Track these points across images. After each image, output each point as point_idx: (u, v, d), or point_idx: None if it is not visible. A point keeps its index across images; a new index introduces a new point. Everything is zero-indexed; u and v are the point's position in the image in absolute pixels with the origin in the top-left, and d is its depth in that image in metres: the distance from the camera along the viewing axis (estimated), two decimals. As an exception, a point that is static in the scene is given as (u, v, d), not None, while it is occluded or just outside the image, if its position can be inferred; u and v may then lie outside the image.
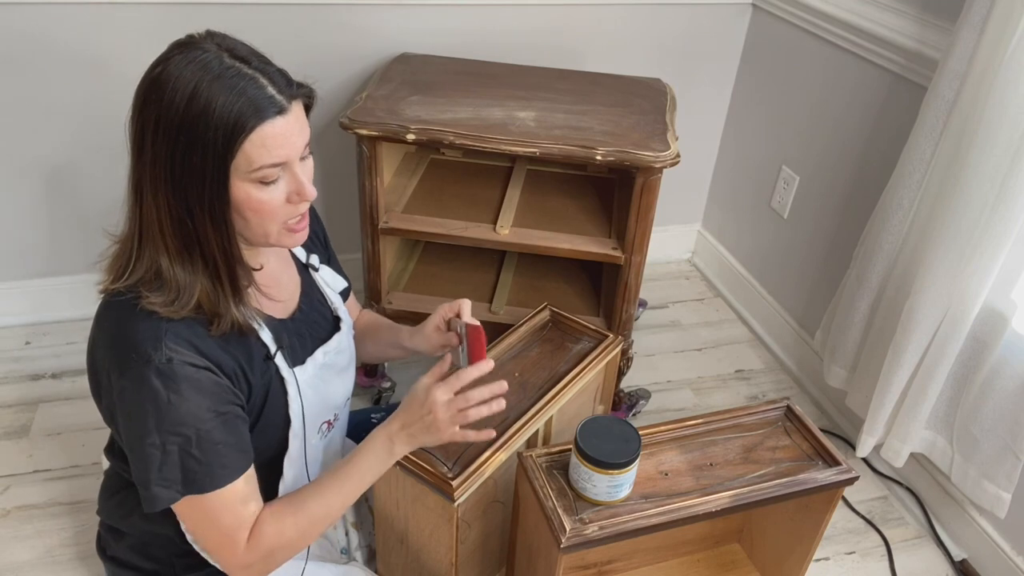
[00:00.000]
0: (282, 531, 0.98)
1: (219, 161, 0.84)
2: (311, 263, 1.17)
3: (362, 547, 1.33)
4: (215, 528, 0.97)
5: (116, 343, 0.91)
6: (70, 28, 1.67)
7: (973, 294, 1.36)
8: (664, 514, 1.05)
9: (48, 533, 1.49)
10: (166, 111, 0.83)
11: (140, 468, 0.93)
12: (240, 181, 0.87)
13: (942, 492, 1.63)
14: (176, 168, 0.85)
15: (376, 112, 1.51)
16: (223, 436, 0.93)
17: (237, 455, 0.95)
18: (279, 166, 0.88)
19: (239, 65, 0.85)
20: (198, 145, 0.83)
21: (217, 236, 0.89)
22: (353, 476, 1.01)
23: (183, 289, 0.90)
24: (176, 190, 0.86)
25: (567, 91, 1.70)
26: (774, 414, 1.24)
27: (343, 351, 1.16)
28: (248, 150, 0.85)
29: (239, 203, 0.88)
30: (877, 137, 1.70)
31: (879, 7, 1.65)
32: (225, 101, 0.82)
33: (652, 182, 1.49)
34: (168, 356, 0.88)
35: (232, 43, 0.88)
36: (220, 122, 0.82)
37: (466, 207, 1.70)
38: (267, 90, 0.85)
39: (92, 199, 1.88)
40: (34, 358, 1.91)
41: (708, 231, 2.43)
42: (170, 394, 0.88)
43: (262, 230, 0.93)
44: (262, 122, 0.84)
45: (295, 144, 0.89)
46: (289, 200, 0.92)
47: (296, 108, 0.89)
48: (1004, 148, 1.26)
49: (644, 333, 2.14)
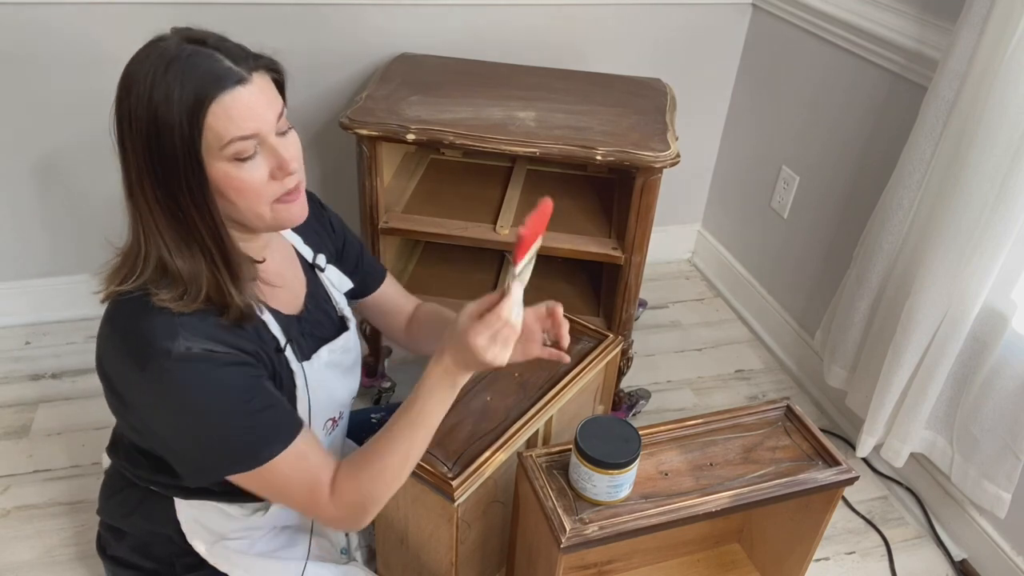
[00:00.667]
0: (359, 486, 0.97)
1: (188, 142, 0.83)
2: (317, 263, 1.16)
3: (362, 547, 1.33)
4: (291, 493, 0.97)
5: (131, 340, 0.90)
6: (67, 26, 1.67)
7: (973, 294, 1.36)
8: (664, 514, 1.05)
9: (48, 533, 1.49)
10: (135, 104, 0.83)
11: (190, 458, 0.94)
12: (215, 161, 0.86)
13: (942, 492, 1.63)
14: (153, 158, 0.85)
15: (376, 112, 1.51)
16: (265, 400, 0.94)
17: (285, 415, 0.95)
18: (250, 139, 0.86)
19: (194, 47, 0.85)
20: (165, 130, 0.83)
21: (204, 222, 0.88)
22: (422, 420, 0.98)
23: (190, 281, 0.90)
24: (159, 181, 0.86)
25: (567, 91, 1.70)
26: (774, 414, 1.24)
27: (350, 350, 1.16)
28: (213, 124, 0.84)
29: (220, 184, 0.87)
30: (877, 137, 1.70)
31: (879, 7, 1.65)
32: (184, 80, 0.82)
33: (652, 182, 1.49)
34: (187, 346, 0.88)
35: (192, 31, 0.88)
36: (181, 102, 0.82)
37: (466, 207, 1.70)
38: (223, 63, 0.85)
39: (92, 199, 1.88)
40: (34, 358, 1.91)
41: (708, 231, 2.43)
42: (199, 380, 0.89)
43: (253, 212, 0.91)
44: (220, 92, 0.83)
45: (263, 116, 0.87)
46: (273, 177, 0.90)
47: (259, 79, 0.87)
48: (1004, 148, 1.26)
49: (644, 333, 2.14)
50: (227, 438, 0.92)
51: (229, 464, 0.94)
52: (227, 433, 0.92)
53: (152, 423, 0.95)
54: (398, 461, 0.98)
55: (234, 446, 0.92)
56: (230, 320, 0.93)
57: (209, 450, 0.93)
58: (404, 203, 1.69)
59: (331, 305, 1.17)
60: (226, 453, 0.93)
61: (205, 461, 0.94)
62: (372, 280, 1.27)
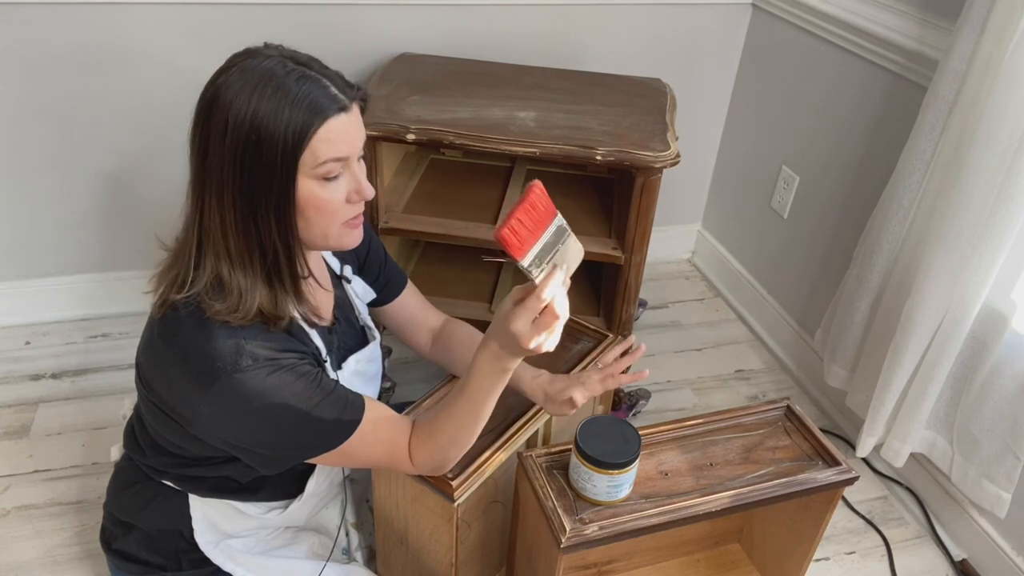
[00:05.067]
0: (432, 453, 1.03)
1: (288, 157, 0.88)
2: (344, 275, 1.18)
3: (362, 547, 1.33)
4: (373, 460, 1.04)
5: (193, 359, 0.92)
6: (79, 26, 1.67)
7: (973, 294, 1.36)
8: (664, 514, 1.05)
9: (48, 533, 1.49)
10: (235, 115, 0.86)
11: (267, 454, 0.98)
12: (305, 178, 0.90)
13: (942, 492, 1.63)
14: (245, 169, 0.88)
15: (376, 112, 1.51)
16: (330, 383, 0.98)
17: (349, 398, 1.00)
18: (341, 161, 0.92)
19: (302, 68, 0.89)
20: (268, 144, 0.87)
21: (280, 235, 0.92)
22: (479, 401, 0.98)
23: (244, 294, 0.92)
24: (243, 191, 0.89)
25: (567, 91, 1.70)
26: (774, 414, 1.24)
27: (374, 360, 1.19)
28: (315, 145, 0.88)
29: (303, 201, 0.91)
30: (877, 137, 1.70)
31: (879, 7, 1.65)
32: (294, 100, 0.87)
33: (652, 182, 1.49)
34: (252, 357, 0.92)
35: (294, 52, 0.93)
36: (290, 120, 0.86)
37: (466, 207, 1.70)
38: (330, 90, 0.90)
39: (92, 199, 1.88)
40: (34, 358, 1.91)
41: (708, 231, 2.43)
42: (267, 387, 0.92)
43: (322, 231, 0.95)
44: (328, 119, 0.88)
45: (355, 141, 0.93)
46: (348, 199, 0.95)
47: (355, 107, 0.93)
48: (1004, 148, 1.26)
49: (644, 333, 2.14)
50: (301, 433, 0.96)
51: (305, 453, 0.99)
52: (301, 429, 0.96)
53: (223, 433, 0.96)
54: (465, 434, 1.02)
55: (309, 437, 0.97)
56: (280, 330, 0.97)
57: (285, 445, 0.97)
58: (404, 203, 1.69)
59: (355, 316, 1.19)
60: (302, 444, 0.98)
61: (282, 454, 0.99)
62: (393, 288, 1.28)
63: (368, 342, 1.20)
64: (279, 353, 0.94)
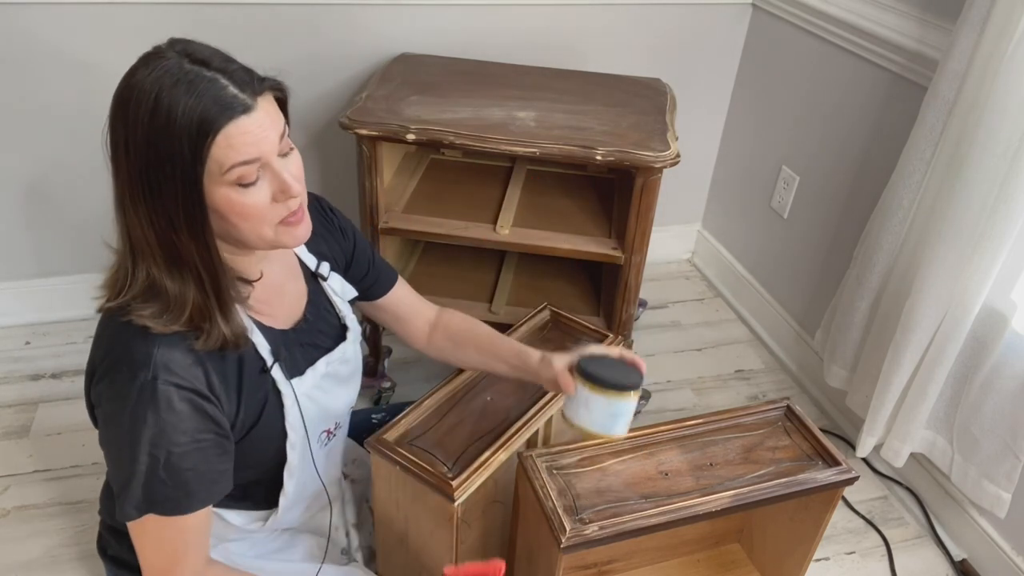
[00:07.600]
0: None
1: (189, 170, 0.82)
2: (320, 272, 1.13)
3: (362, 547, 1.33)
4: (159, 553, 0.96)
5: (109, 358, 0.91)
6: (66, 28, 1.67)
7: (973, 294, 1.36)
8: (664, 514, 1.05)
9: (48, 533, 1.49)
10: (132, 127, 0.82)
11: (113, 477, 0.94)
12: (217, 187, 0.84)
13: (942, 492, 1.63)
14: (151, 182, 0.83)
15: (376, 112, 1.51)
16: (193, 463, 0.92)
17: (205, 485, 0.94)
18: (252, 163, 0.84)
19: (197, 68, 0.82)
20: (166, 157, 0.81)
21: (198, 248, 0.87)
22: None
23: (173, 301, 0.89)
24: (154, 204, 0.84)
25: (567, 91, 1.70)
26: (774, 414, 1.24)
27: (348, 361, 1.14)
28: (216, 154, 0.82)
29: (222, 209, 0.86)
30: (877, 137, 1.70)
31: (879, 7, 1.65)
32: (186, 108, 0.80)
33: (652, 182, 1.49)
34: (154, 374, 0.87)
35: (194, 47, 0.85)
36: (183, 130, 0.80)
37: (466, 207, 1.70)
38: (228, 90, 0.82)
39: (91, 199, 1.88)
40: (34, 358, 1.91)
41: (708, 231, 2.43)
42: (148, 413, 0.88)
43: (255, 234, 0.89)
44: (226, 123, 0.81)
45: (266, 140, 0.85)
46: (275, 199, 0.88)
47: (264, 104, 0.85)
48: (1004, 148, 1.26)
49: (644, 333, 2.14)
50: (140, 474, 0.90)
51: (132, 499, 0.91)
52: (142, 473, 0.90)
53: (100, 431, 0.95)
54: None
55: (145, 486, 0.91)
56: (207, 346, 0.91)
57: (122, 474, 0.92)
58: (404, 203, 1.69)
59: (333, 314, 1.15)
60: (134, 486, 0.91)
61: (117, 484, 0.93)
62: (383, 284, 1.25)
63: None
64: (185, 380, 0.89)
